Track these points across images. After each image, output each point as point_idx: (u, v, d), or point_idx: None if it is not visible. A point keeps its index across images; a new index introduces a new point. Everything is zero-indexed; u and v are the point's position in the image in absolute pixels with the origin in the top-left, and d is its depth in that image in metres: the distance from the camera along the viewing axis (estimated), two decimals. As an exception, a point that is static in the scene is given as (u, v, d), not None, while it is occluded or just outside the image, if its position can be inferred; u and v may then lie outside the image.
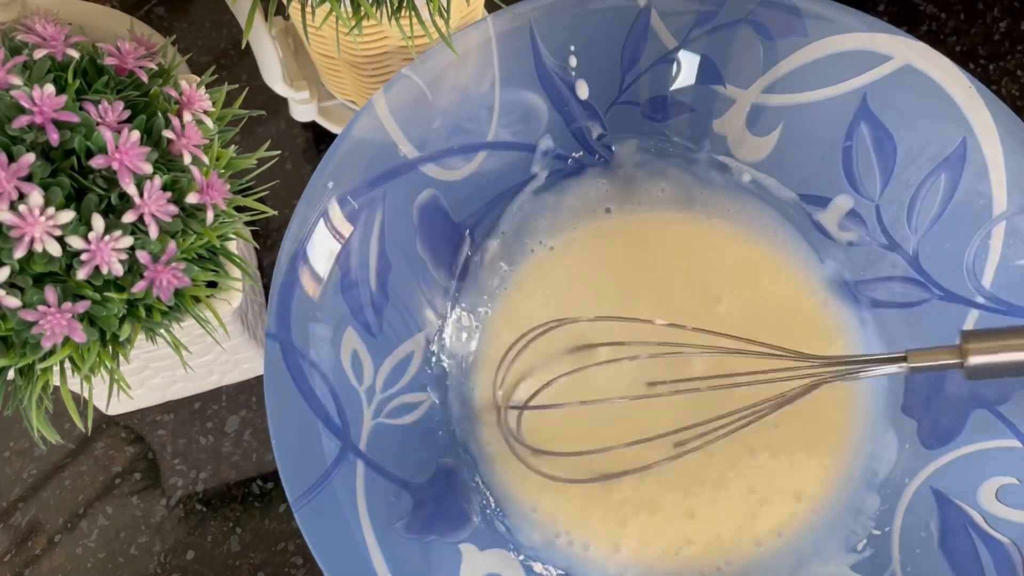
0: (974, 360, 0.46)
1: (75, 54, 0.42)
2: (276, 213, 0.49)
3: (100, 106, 0.41)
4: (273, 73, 0.63)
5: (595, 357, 0.58)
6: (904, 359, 0.49)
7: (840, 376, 0.51)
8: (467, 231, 0.59)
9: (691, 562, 0.54)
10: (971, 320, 0.53)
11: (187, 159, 0.42)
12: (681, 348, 0.55)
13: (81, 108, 0.40)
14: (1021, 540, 0.49)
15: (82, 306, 0.39)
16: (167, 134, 0.42)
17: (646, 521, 0.55)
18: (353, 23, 0.49)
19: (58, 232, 0.37)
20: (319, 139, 0.71)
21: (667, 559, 0.54)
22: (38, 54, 0.41)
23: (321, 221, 0.52)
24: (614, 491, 0.55)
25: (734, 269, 0.60)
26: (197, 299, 0.45)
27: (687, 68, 0.59)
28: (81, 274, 0.38)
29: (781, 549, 0.54)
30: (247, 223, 0.47)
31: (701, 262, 0.60)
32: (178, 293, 0.43)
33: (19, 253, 0.37)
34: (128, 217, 0.39)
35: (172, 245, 0.41)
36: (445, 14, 0.51)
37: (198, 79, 0.47)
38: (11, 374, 0.42)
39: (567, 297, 0.59)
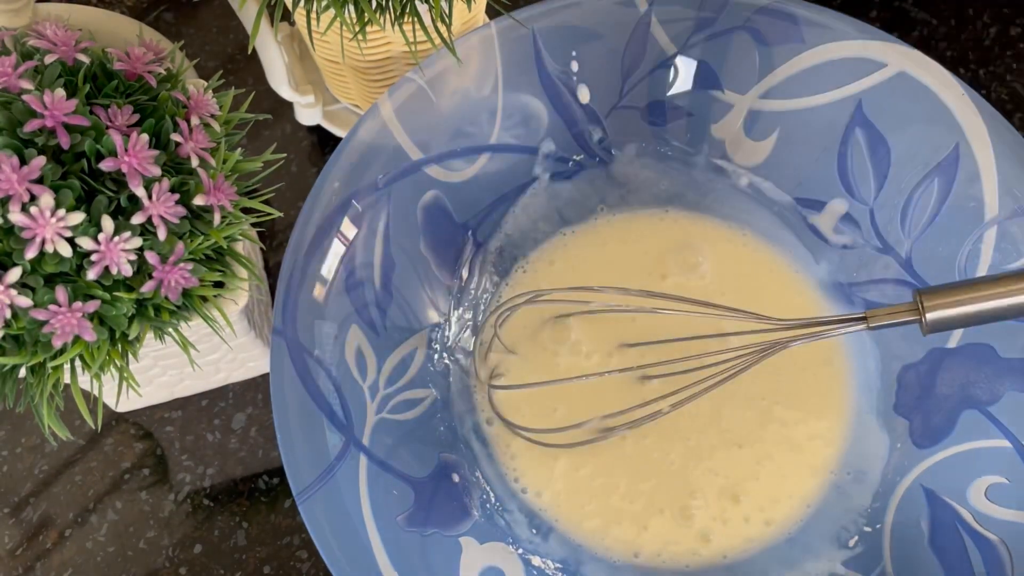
0: (931, 316, 0.46)
1: (85, 59, 0.42)
2: (282, 214, 0.49)
3: (110, 110, 0.41)
4: (279, 78, 0.63)
5: (569, 328, 0.59)
6: (864, 319, 0.48)
7: (807, 337, 0.50)
8: (470, 232, 0.59)
9: (686, 558, 0.54)
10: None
11: (195, 162, 0.43)
12: (651, 308, 0.55)
13: (91, 112, 0.40)
14: (1010, 538, 0.49)
15: (92, 305, 0.39)
16: (175, 137, 0.42)
17: (644, 518, 0.55)
18: (357, 29, 0.49)
19: (68, 233, 0.38)
20: (324, 142, 0.71)
21: (664, 554, 0.54)
22: (49, 59, 0.41)
23: (327, 222, 0.52)
24: (612, 488, 0.56)
25: (731, 269, 0.60)
26: (204, 299, 0.45)
27: (685, 73, 0.59)
28: (91, 274, 0.39)
29: (774, 545, 0.54)
30: (253, 224, 0.47)
31: (698, 262, 0.61)
32: (186, 293, 0.43)
33: (31, 254, 0.37)
34: (137, 219, 0.39)
35: (180, 246, 0.41)
36: (447, 20, 0.51)
37: (205, 83, 0.47)
38: (23, 372, 0.42)
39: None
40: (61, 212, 0.38)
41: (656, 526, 0.55)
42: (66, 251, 0.38)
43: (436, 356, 0.57)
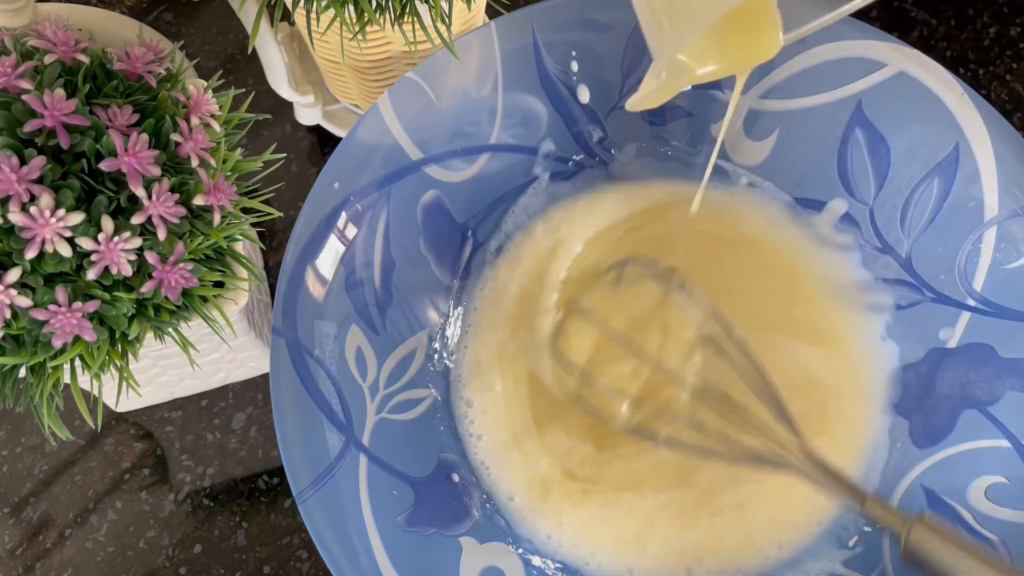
0: (912, 544, 0.44)
1: (85, 59, 0.42)
2: (282, 214, 0.49)
3: (109, 110, 0.41)
4: (279, 78, 0.63)
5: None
6: (862, 499, 0.47)
7: (801, 473, 0.49)
8: (469, 231, 0.59)
9: (688, 561, 0.54)
10: (962, 322, 0.54)
11: (194, 162, 0.43)
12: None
13: (91, 112, 0.40)
14: (1009, 538, 0.49)
15: (92, 305, 0.39)
16: (175, 137, 0.42)
17: (644, 520, 0.55)
18: (357, 29, 0.49)
19: (68, 233, 0.38)
20: (324, 142, 0.71)
21: (664, 557, 0.54)
22: (49, 59, 0.41)
23: (326, 222, 0.52)
24: (615, 490, 0.56)
25: (732, 269, 0.60)
26: (204, 299, 0.45)
27: (685, 73, 0.59)
28: (91, 274, 0.39)
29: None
30: (253, 224, 0.47)
31: (699, 261, 0.60)
32: (186, 293, 0.43)
33: (31, 254, 0.37)
34: (137, 219, 0.39)
35: (180, 246, 0.41)
36: (447, 20, 0.51)
37: (205, 83, 0.47)
38: (23, 372, 0.42)
39: (569, 296, 0.60)
40: (61, 212, 0.38)
41: (656, 529, 0.55)
42: (66, 251, 0.38)
43: (436, 356, 0.57)
